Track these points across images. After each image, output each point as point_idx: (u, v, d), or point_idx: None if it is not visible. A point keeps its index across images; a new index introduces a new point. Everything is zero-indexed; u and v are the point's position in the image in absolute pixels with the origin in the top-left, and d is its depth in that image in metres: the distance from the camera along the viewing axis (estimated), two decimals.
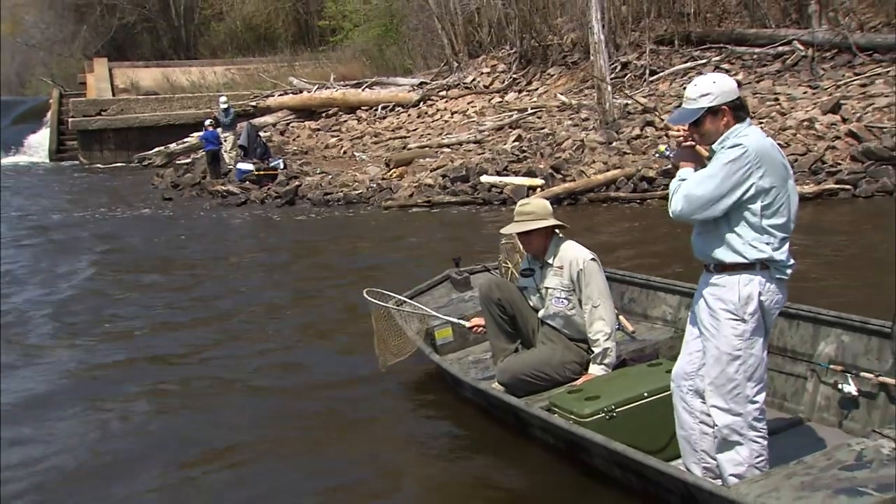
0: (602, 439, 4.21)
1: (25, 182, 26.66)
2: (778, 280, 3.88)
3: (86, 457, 5.60)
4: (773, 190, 3.78)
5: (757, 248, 3.80)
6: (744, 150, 3.74)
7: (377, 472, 5.04)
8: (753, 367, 3.88)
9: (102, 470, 5.37)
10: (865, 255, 9.88)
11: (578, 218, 13.21)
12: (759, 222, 3.79)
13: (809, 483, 3.68)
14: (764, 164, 3.75)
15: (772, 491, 3.66)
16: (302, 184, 18.66)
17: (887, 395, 4.53)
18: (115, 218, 17.72)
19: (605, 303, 5.32)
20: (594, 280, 5.32)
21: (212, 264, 12.28)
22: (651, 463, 4.00)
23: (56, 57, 49.80)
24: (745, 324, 3.84)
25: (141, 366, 7.52)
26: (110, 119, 31.72)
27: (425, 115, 24.48)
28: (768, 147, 3.84)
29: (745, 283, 3.82)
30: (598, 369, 5.25)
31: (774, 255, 3.82)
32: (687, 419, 4.14)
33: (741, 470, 3.94)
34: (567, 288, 5.37)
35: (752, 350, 3.87)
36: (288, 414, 6.10)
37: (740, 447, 3.93)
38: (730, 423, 3.91)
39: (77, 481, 5.24)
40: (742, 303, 3.83)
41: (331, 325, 8.55)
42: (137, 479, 5.15)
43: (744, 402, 3.90)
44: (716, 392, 3.93)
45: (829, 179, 13.43)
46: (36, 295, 10.63)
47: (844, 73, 18.04)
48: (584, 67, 22.06)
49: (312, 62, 34.68)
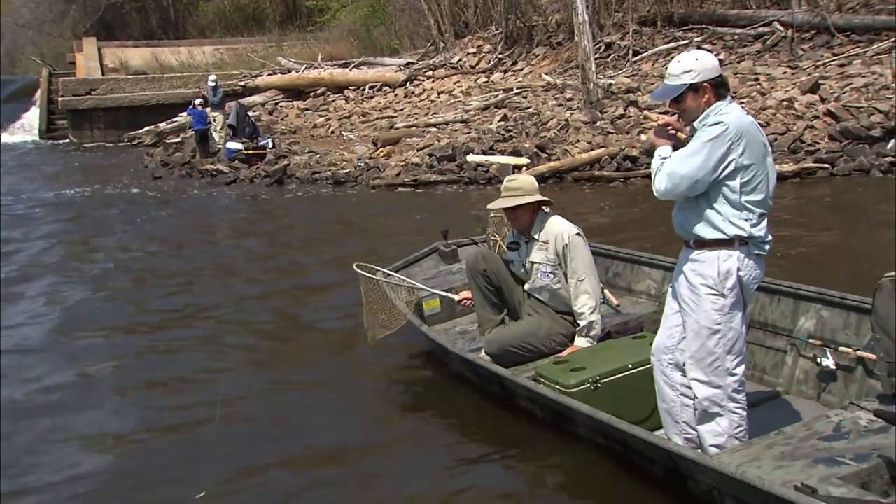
0: (587, 409, 4.25)
1: (15, 161, 26.44)
2: (756, 256, 3.91)
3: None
4: (752, 167, 3.80)
5: (736, 224, 3.82)
6: (725, 127, 3.75)
7: (363, 443, 5.06)
8: (732, 340, 3.92)
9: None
10: (843, 231, 9.95)
11: (563, 196, 13.23)
12: (739, 199, 3.81)
13: (789, 453, 3.73)
14: (744, 141, 3.77)
15: (753, 460, 3.71)
16: (290, 163, 18.59)
17: (864, 368, 4.58)
18: (105, 196, 17.63)
19: (590, 277, 5.35)
20: (579, 254, 5.34)
21: (200, 242, 12.27)
22: (635, 433, 4.03)
23: (45, 36, 49.33)
24: (724, 298, 3.87)
25: (123, 337, 7.55)
26: (100, 98, 31.47)
27: (412, 94, 24.38)
28: (748, 124, 3.85)
29: (724, 259, 3.85)
30: (584, 341, 5.29)
31: (753, 232, 3.84)
32: (668, 392, 4.18)
33: (721, 441, 3.98)
34: (552, 262, 5.39)
35: (731, 324, 3.90)
36: (276, 385, 6.14)
37: (720, 418, 3.97)
38: (710, 395, 3.95)
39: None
40: (721, 278, 3.85)
41: (318, 300, 8.57)
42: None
43: (723, 375, 3.93)
44: (696, 365, 3.96)
45: (808, 158, 13.50)
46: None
47: (823, 53, 18.06)
48: (569, 48, 22.02)
49: (300, 42, 34.44)
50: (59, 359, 7.07)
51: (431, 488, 4.49)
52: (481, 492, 4.44)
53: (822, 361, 4.72)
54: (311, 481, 4.71)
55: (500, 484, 4.49)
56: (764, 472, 3.59)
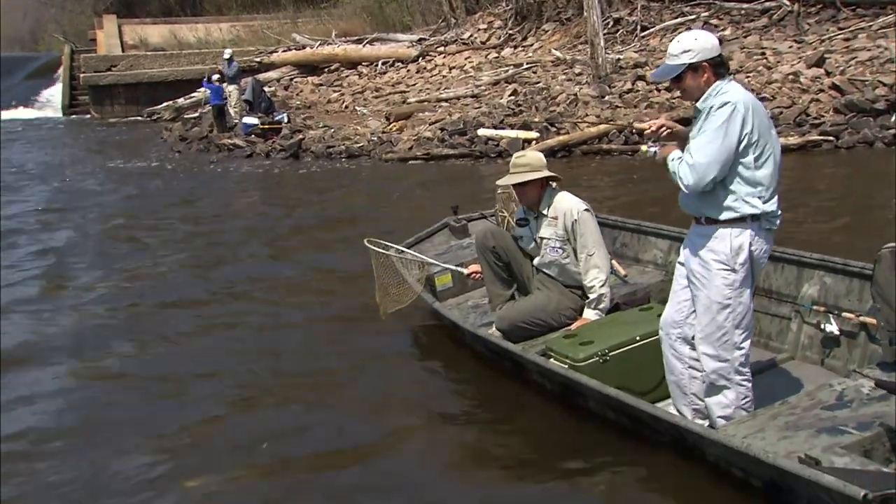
0: (597, 384, 4.21)
1: (39, 136, 26.52)
2: (767, 231, 3.86)
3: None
4: (761, 140, 3.75)
5: (750, 202, 3.77)
6: (733, 106, 3.70)
7: (375, 418, 5.02)
8: (742, 315, 3.88)
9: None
10: (846, 202, 9.89)
11: (572, 169, 13.15)
12: (753, 175, 3.76)
13: (793, 423, 3.72)
14: (751, 116, 3.72)
15: (758, 431, 3.69)
16: (305, 137, 18.52)
17: (867, 334, 4.54)
18: (127, 170, 17.65)
19: (600, 251, 5.28)
20: (588, 230, 5.27)
21: (218, 214, 12.26)
22: (644, 407, 4.01)
23: (67, 14, 49.24)
24: (735, 274, 3.83)
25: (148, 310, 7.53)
26: (120, 74, 31.43)
27: (424, 70, 24.23)
28: (750, 97, 3.81)
29: (736, 235, 3.80)
30: (593, 314, 5.24)
31: (765, 208, 3.79)
32: (676, 365, 4.14)
33: (728, 412, 3.95)
34: (561, 238, 5.33)
35: (740, 299, 3.86)
36: (288, 359, 6.10)
37: (727, 391, 3.94)
38: (718, 368, 3.92)
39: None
40: (733, 254, 3.80)
41: (331, 273, 8.53)
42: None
43: (731, 349, 3.90)
44: (705, 339, 3.93)
45: (813, 131, 13.34)
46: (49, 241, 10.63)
47: (829, 27, 17.88)
48: (578, 23, 21.83)
49: (315, 19, 34.23)
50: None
51: (442, 456, 4.48)
52: (491, 460, 4.41)
53: (825, 327, 4.69)
54: (342, 437, 4.77)
55: (511, 453, 4.47)
56: (769, 443, 3.57)
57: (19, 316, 7.53)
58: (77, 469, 4.61)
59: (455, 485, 4.20)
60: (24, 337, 6.94)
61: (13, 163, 19.61)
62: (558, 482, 4.12)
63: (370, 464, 4.48)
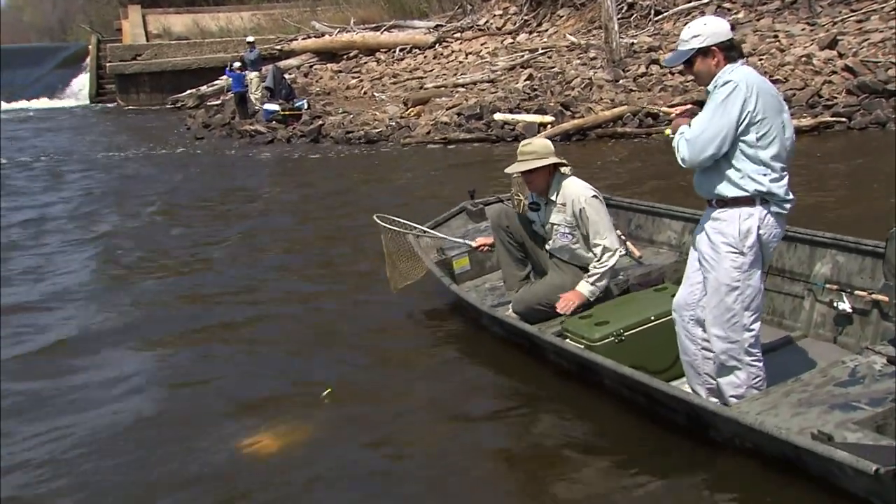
0: (612, 364, 4.19)
1: (69, 123, 26.71)
2: (777, 214, 3.81)
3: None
4: (766, 120, 3.70)
5: (755, 180, 3.72)
6: (734, 84, 3.66)
7: (396, 397, 5.01)
8: (750, 297, 3.84)
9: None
10: (858, 182, 9.80)
11: (587, 152, 13.09)
12: (756, 154, 3.71)
13: (806, 399, 3.69)
14: (755, 94, 3.67)
15: (771, 408, 3.66)
16: (325, 123, 18.53)
17: (879, 311, 4.51)
18: (151, 155, 17.73)
19: (611, 234, 5.22)
20: (597, 215, 5.20)
21: (242, 198, 12.27)
22: (658, 386, 3.99)
23: (94, 4, 49.46)
24: (743, 256, 3.79)
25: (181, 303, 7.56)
26: (145, 63, 31.56)
27: (441, 56, 24.16)
28: (758, 78, 3.76)
29: (745, 218, 3.76)
30: (586, 288, 5.15)
31: (773, 188, 3.74)
32: (689, 346, 4.11)
33: (740, 391, 3.93)
34: (570, 224, 5.27)
35: (749, 281, 3.82)
36: (307, 336, 6.09)
37: (738, 371, 3.92)
38: (727, 349, 3.90)
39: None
40: (741, 236, 3.77)
41: (349, 254, 8.53)
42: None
43: (740, 330, 3.87)
44: (715, 321, 3.91)
45: (826, 112, 13.21)
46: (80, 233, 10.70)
47: (841, 9, 17.62)
48: (592, 8, 21.72)
49: (333, 7, 34.16)
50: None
51: (462, 434, 4.47)
52: (509, 439, 4.42)
53: (838, 305, 4.66)
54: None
55: (528, 432, 4.46)
56: (782, 419, 3.55)
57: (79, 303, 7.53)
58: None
59: (471, 460, 4.19)
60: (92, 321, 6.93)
61: (47, 149, 19.81)
62: (574, 457, 4.11)
63: (388, 443, 4.48)
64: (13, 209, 12.29)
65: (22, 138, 22.94)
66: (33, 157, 18.75)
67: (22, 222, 11.26)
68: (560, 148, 5.57)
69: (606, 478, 3.92)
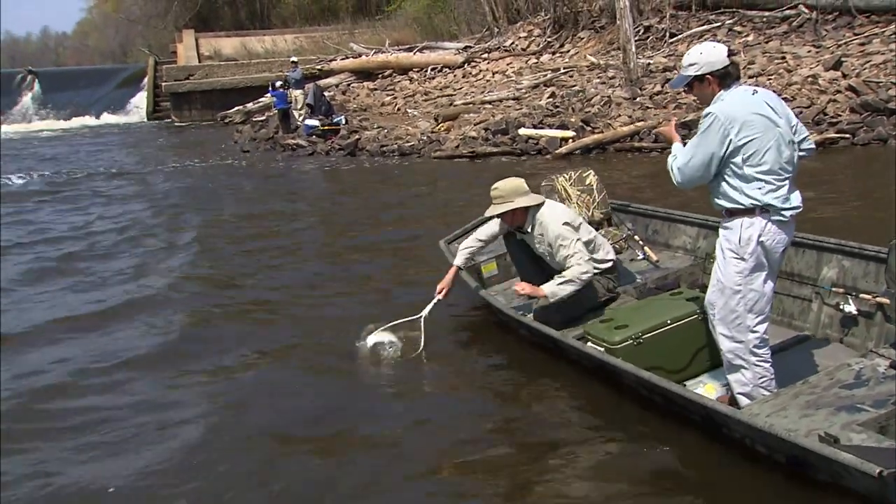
0: (632, 368, 4.16)
1: (129, 138, 27.07)
2: (779, 222, 3.79)
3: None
4: (752, 142, 3.71)
5: (749, 195, 3.74)
6: (713, 117, 3.72)
7: (426, 393, 5.02)
8: (753, 300, 3.83)
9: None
10: (862, 193, 9.72)
11: (607, 165, 13.00)
12: (747, 172, 3.74)
13: (814, 401, 3.67)
14: (736, 123, 3.70)
15: (780, 410, 3.66)
16: (361, 137, 18.55)
17: (883, 314, 4.46)
18: (203, 167, 17.89)
19: (583, 256, 5.12)
20: (569, 245, 5.12)
21: (285, 205, 12.34)
22: (674, 389, 3.95)
23: (152, 29, 50.13)
24: (744, 262, 3.80)
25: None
26: (197, 83, 31.88)
27: (469, 75, 24.14)
28: (740, 106, 3.75)
29: (746, 226, 3.77)
30: (550, 286, 5.09)
31: (768, 200, 3.74)
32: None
33: (747, 390, 3.91)
34: (551, 253, 5.26)
35: (751, 286, 3.82)
36: (338, 336, 5.97)
37: (745, 370, 3.90)
38: (733, 348, 3.90)
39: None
40: (743, 244, 3.78)
41: (385, 255, 8.55)
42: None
43: (745, 331, 3.86)
44: (721, 321, 3.92)
45: (831, 129, 13.05)
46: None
47: (845, 33, 17.46)
48: (611, 31, 21.60)
49: (370, 30, 34.35)
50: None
51: (484, 426, 4.44)
52: (531, 432, 4.37)
53: (844, 307, 4.63)
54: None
55: (550, 424, 4.41)
56: (791, 421, 3.54)
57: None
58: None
59: (493, 451, 4.18)
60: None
61: (113, 162, 20.17)
62: (593, 453, 4.07)
63: (412, 436, 4.46)
64: (76, 213, 12.46)
65: (88, 151, 23.38)
66: (104, 167, 19.08)
67: (87, 228, 11.45)
68: (581, 160, 5.56)
69: (620, 471, 3.87)
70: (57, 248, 10.12)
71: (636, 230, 6.47)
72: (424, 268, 7.37)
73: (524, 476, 3.93)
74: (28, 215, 12.87)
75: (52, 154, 23.30)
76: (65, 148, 24.91)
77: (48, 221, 12.29)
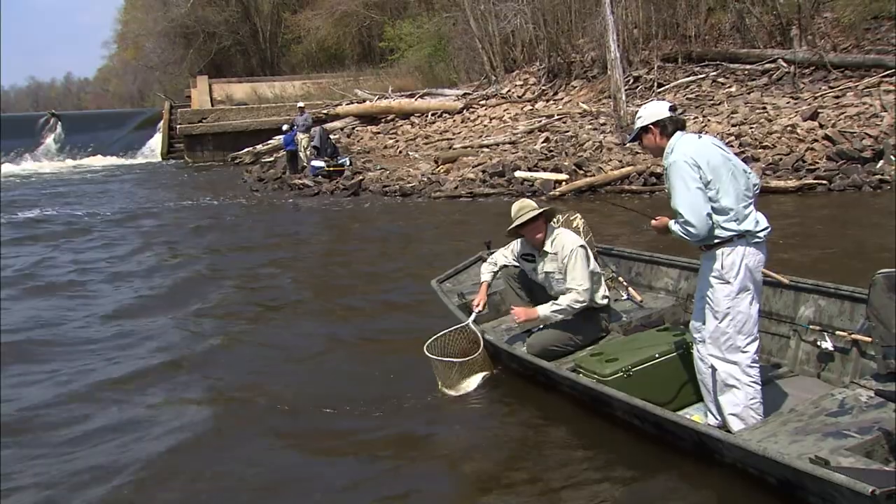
0: (625, 396, 4.17)
1: (145, 177, 27.21)
2: (756, 244, 3.92)
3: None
4: (716, 175, 3.87)
5: (726, 227, 3.88)
6: (677, 163, 3.90)
7: (421, 424, 4.96)
8: (742, 321, 3.90)
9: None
10: (837, 237, 9.74)
11: (597, 207, 13.05)
12: (719, 206, 3.86)
13: (802, 428, 3.70)
14: (701, 161, 3.86)
15: (770, 436, 3.68)
16: (365, 178, 18.64)
17: (858, 349, 4.50)
18: (216, 205, 17.95)
19: (584, 283, 5.17)
20: (577, 263, 5.20)
21: (292, 242, 12.38)
22: (668, 416, 3.97)
23: (168, 75, 50.47)
24: (730, 285, 3.89)
25: None
26: (209, 125, 32.03)
27: (468, 120, 24.32)
28: (693, 148, 3.93)
29: (728, 253, 3.90)
30: (545, 309, 5.15)
31: (745, 227, 3.89)
32: (700, 365, 4.16)
33: (738, 410, 3.95)
34: (562, 271, 5.28)
35: (739, 307, 3.90)
36: (333, 380, 5.91)
37: (737, 391, 3.94)
38: (726, 369, 3.95)
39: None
40: (726, 269, 3.89)
41: (384, 289, 8.59)
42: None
43: (736, 352, 3.93)
44: (713, 344, 3.98)
45: (809, 176, 13.15)
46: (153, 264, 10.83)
47: (821, 86, 17.70)
48: (603, 80, 21.82)
49: (374, 76, 34.59)
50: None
51: (477, 459, 4.42)
52: (524, 461, 4.35)
53: (821, 344, 4.67)
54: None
55: (543, 455, 4.39)
56: (781, 446, 3.56)
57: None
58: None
59: (489, 481, 4.15)
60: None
61: (133, 198, 20.39)
62: (587, 482, 4.04)
63: (406, 465, 4.43)
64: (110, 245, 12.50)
65: (107, 189, 23.46)
66: (121, 205, 19.11)
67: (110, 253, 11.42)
68: (573, 203, 5.60)
69: (614, 498, 3.85)
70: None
71: (620, 272, 6.50)
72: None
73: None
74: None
75: (79, 191, 23.39)
76: (89, 186, 25.04)
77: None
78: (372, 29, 41.50)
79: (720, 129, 15.62)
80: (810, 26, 20.03)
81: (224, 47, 47.38)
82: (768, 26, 21.21)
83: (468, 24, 27.77)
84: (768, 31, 21.18)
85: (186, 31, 47.07)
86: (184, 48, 47.73)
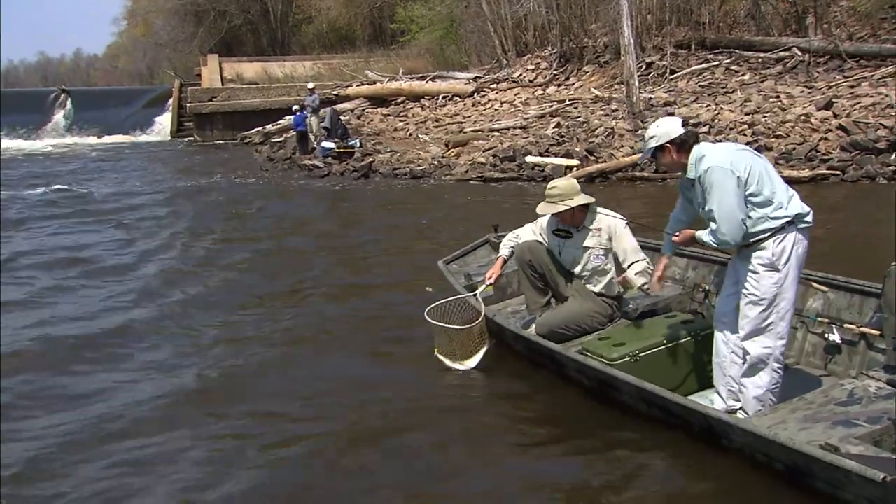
0: (633, 379, 4.18)
1: (155, 155, 27.22)
2: (803, 230, 3.96)
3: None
4: (751, 175, 3.88)
5: (775, 215, 3.89)
6: (713, 169, 3.90)
7: (424, 409, 4.93)
8: (785, 309, 3.97)
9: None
10: (850, 228, 9.71)
11: (609, 193, 13.05)
12: (763, 199, 3.88)
13: (811, 416, 3.74)
14: (736, 165, 3.88)
15: (780, 423, 3.72)
16: (375, 160, 18.66)
17: (866, 342, 4.51)
18: (224, 183, 18.00)
19: (640, 253, 5.32)
20: (629, 239, 5.32)
21: (300, 223, 12.42)
22: (678, 400, 3.99)
23: (178, 53, 50.55)
24: (779, 273, 3.92)
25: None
26: (219, 104, 32.03)
27: (479, 104, 24.28)
28: (723, 151, 3.97)
29: (778, 241, 3.91)
30: (632, 275, 5.21)
31: (795, 210, 3.90)
32: (722, 349, 4.22)
33: (759, 392, 4.03)
34: (605, 246, 5.33)
35: (786, 295, 3.95)
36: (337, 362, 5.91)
37: (763, 374, 4.01)
38: (762, 354, 4.00)
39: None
40: (776, 257, 3.90)
41: (388, 273, 8.61)
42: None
43: (775, 338, 3.99)
44: (755, 330, 4.00)
45: (822, 166, 13.11)
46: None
47: (836, 76, 17.59)
48: (615, 66, 21.76)
49: (385, 58, 34.55)
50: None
51: (488, 442, 4.43)
52: (530, 444, 4.38)
53: (829, 336, 4.68)
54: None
55: (550, 436, 4.42)
56: (791, 433, 3.59)
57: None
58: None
59: (496, 464, 4.16)
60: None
61: (141, 175, 20.44)
62: (592, 467, 4.05)
63: (418, 446, 4.43)
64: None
65: (121, 165, 23.57)
66: (136, 182, 19.22)
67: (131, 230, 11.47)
68: (584, 188, 5.55)
69: (622, 483, 3.87)
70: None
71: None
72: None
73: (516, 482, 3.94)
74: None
75: (93, 168, 23.45)
76: (100, 162, 25.07)
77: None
78: (383, 10, 41.44)
79: (733, 118, 15.56)
80: (826, 14, 19.92)
81: (235, 26, 47.37)
82: (783, 14, 21.10)
83: (480, 7, 27.69)
84: (783, 18, 21.07)
85: (197, 9, 47.10)
86: (194, 26, 47.74)
